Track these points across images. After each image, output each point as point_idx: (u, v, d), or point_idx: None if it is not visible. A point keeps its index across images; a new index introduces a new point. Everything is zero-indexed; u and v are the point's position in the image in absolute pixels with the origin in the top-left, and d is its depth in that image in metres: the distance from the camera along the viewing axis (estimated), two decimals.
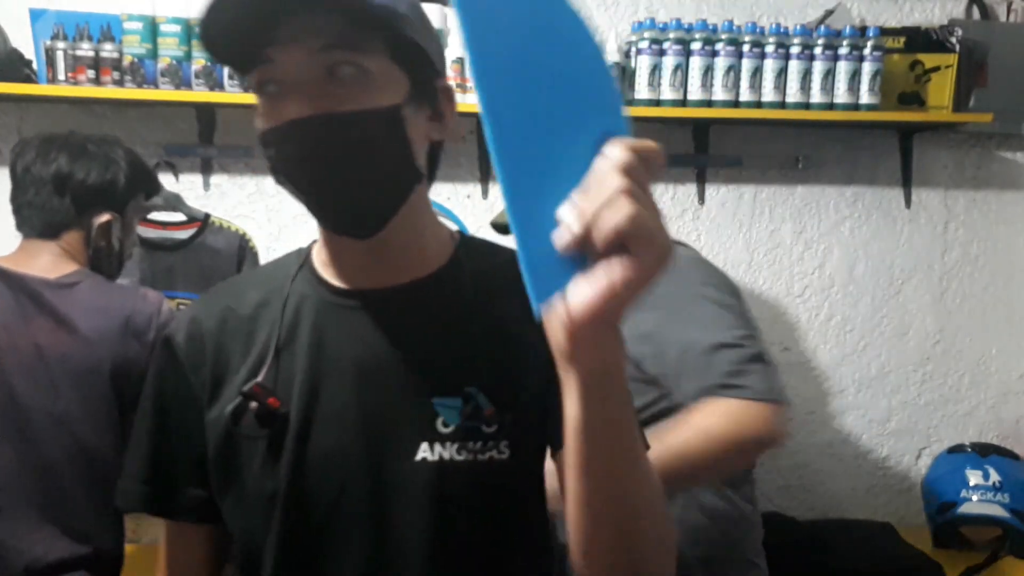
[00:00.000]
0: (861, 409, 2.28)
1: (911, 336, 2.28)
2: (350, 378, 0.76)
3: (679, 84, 1.95)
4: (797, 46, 1.96)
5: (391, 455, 0.74)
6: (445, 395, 0.75)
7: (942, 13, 2.20)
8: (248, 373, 0.77)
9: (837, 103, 1.98)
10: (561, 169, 0.48)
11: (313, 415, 0.75)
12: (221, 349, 0.79)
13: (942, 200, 2.24)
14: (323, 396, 0.75)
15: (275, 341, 0.77)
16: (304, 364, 0.76)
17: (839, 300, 2.26)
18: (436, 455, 0.74)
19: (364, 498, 0.74)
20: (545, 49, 0.49)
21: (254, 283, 0.84)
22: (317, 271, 0.80)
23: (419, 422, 0.74)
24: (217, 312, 0.81)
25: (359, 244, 0.75)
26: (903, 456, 2.30)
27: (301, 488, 0.75)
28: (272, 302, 0.80)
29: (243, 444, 0.76)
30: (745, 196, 2.20)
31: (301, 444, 0.75)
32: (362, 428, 0.75)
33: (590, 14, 2.11)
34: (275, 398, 0.75)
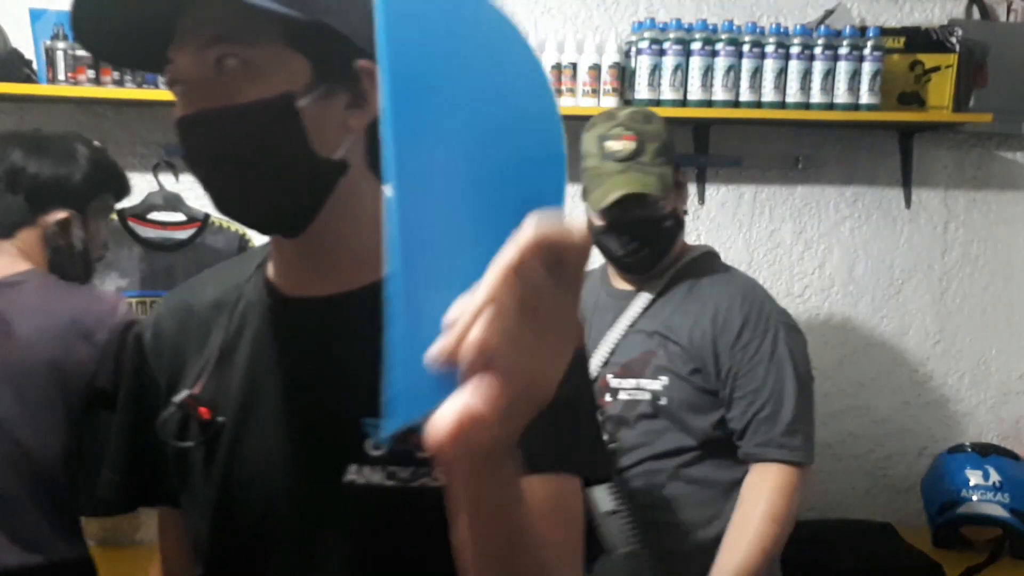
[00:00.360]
0: (861, 409, 2.28)
1: (911, 336, 2.28)
2: (283, 392, 0.73)
3: (679, 84, 1.95)
4: (797, 46, 1.96)
5: (318, 476, 0.71)
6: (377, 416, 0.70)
7: (942, 13, 2.20)
8: (192, 379, 0.76)
9: (837, 103, 1.97)
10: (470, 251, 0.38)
11: (246, 427, 0.73)
12: (177, 351, 0.79)
13: (942, 200, 2.24)
14: (256, 408, 0.73)
15: (218, 349, 0.76)
16: (241, 373, 0.74)
17: (839, 300, 2.26)
18: (364, 478, 0.69)
19: (289, 517, 0.72)
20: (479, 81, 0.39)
21: (214, 281, 0.82)
22: (268, 275, 0.78)
23: (348, 443, 0.70)
24: (177, 312, 0.81)
25: (293, 245, 0.73)
26: (903, 456, 2.30)
27: (231, 500, 0.73)
28: (225, 304, 0.78)
29: (185, 451, 0.76)
30: (745, 196, 2.20)
31: (232, 457, 0.73)
32: (291, 445, 0.72)
33: (590, 14, 2.12)
34: (208, 408, 0.74)
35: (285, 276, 0.76)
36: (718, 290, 1.44)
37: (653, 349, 1.40)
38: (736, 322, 1.38)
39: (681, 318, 1.41)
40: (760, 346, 1.37)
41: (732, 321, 1.38)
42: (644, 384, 1.39)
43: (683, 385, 1.38)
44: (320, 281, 0.74)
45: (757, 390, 1.35)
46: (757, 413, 1.35)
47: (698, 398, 1.38)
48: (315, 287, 0.74)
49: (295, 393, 0.73)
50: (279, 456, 0.72)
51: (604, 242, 1.41)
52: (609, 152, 1.37)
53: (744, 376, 1.36)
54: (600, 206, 1.35)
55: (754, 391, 1.35)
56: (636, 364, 1.41)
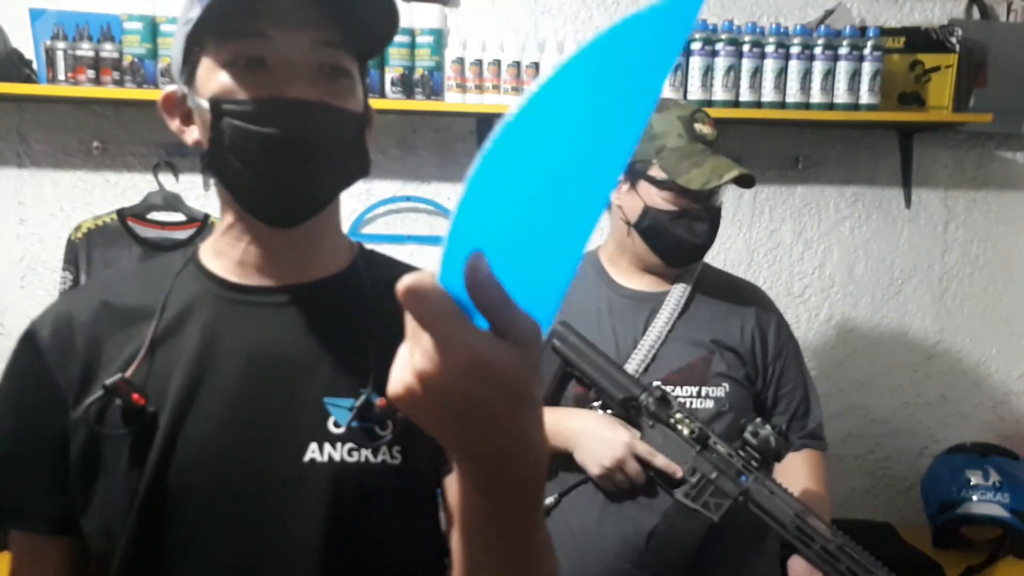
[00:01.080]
0: (861, 409, 2.28)
1: (911, 336, 2.28)
2: (238, 375, 0.73)
3: (679, 84, 1.95)
4: (797, 46, 1.96)
5: (278, 455, 0.72)
6: (338, 395, 0.73)
7: (942, 13, 2.20)
8: (119, 367, 0.74)
9: (837, 103, 1.97)
10: None
11: (188, 412, 0.72)
12: (94, 343, 0.76)
13: (942, 200, 2.24)
14: (203, 393, 0.73)
15: (151, 336, 0.75)
16: (187, 360, 0.74)
17: (839, 300, 2.26)
18: (326, 456, 0.72)
19: (244, 499, 0.71)
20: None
21: (133, 279, 0.82)
22: (207, 267, 0.79)
23: (310, 422, 0.73)
24: (92, 306, 0.78)
25: (274, 238, 0.75)
26: (903, 456, 2.30)
27: (164, 489, 0.71)
28: (152, 297, 0.77)
29: (107, 443, 0.73)
30: (745, 196, 2.20)
31: (170, 442, 0.72)
32: (246, 426, 0.72)
33: (591, 14, 2.12)
34: (140, 394, 0.72)
35: (242, 267, 0.77)
36: (745, 295, 1.47)
37: (708, 354, 1.37)
38: (771, 326, 1.44)
39: (724, 323, 1.40)
40: (788, 347, 1.46)
41: (769, 325, 1.44)
42: (708, 391, 1.35)
43: (742, 391, 1.38)
44: (283, 273, 0.77)
45: (793, 389, 1.45)
46: (796, 411, 1.45)
47: (747, 403, 1.40)
48: (275, 278, 0.77)
49: (253, 375, 0.73)
50: (231, 439, 0.72)
51: (674, 229, 1.34)
52: (700, 134, 1.35)
53: (783, 377, 1.44)
54: (708, 185, 1.29)
55: (791, 390, 1.45)
56: (694, 370, 1.36)
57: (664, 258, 1.38)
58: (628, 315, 1.40)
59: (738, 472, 1.25)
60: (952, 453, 2.10)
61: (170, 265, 0.81)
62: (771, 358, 1.43)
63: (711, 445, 1.26)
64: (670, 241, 1.35)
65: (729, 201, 2.20)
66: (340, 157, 0.73)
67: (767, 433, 1.24)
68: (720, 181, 1.29)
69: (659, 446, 1.27)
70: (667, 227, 1.34)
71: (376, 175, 2.10)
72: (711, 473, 1.25)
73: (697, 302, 1.41)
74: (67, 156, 2.03)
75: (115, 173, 2.05)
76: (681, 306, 1.39)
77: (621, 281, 1.44)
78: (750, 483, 1.23)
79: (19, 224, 2.05)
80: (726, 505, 1.24)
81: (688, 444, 1.26)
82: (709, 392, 1.35)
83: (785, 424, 1.41)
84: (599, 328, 1.39)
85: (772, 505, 1.23)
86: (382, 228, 2.11)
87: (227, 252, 0.78)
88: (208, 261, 0.79)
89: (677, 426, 1.27)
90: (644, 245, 1.38)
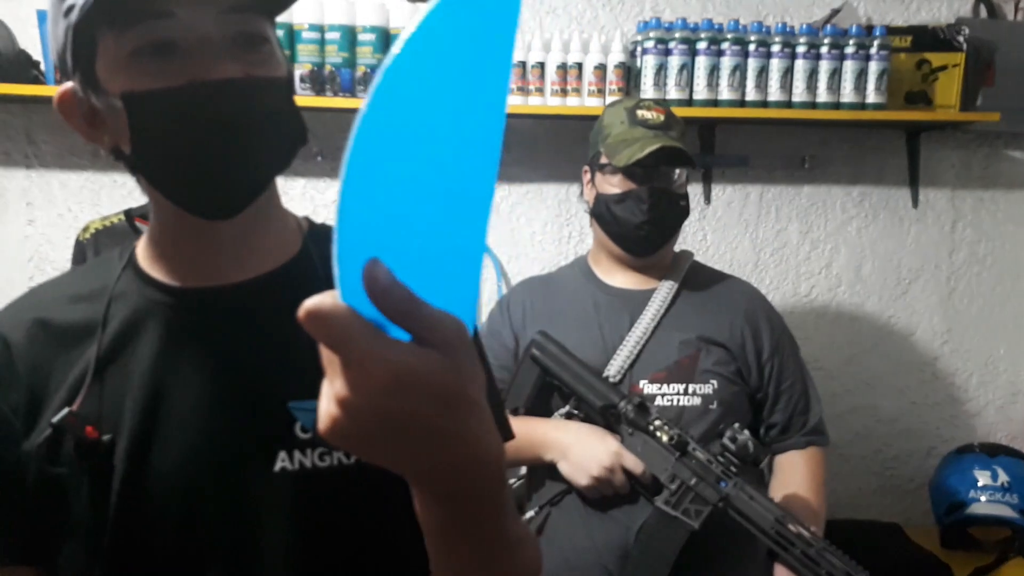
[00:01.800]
0: (868, 409, 2.27)
1: (919, 336, 2.27)
2: (195, 389, 0.69)
3: (684, 84, 1.95)
4: (803, 45, 1.95)
5: (246, 468, 0.68)
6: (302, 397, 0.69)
7: (949, 12, 2.19)
8: (66, 395, 0.68)
9: (843, 102, 1.97)
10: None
11: (151, 435, 0.68)
12: (36, 367, 0.70)
13: (949, 200, 2.24)
14: (163, 412, 0.68)
15: (95, 358, 0.69)
16: (139, 379, 0.68)
17: (846, 300, 2.25)
18: (296, 463, 0.68)
19: (218, 518, 0.68)
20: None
21: (67, 290, 0.74)
22: (146, 272, 0.72)
23: (275, 430, 0.68)
24: (26, 324, 0.71)
25: (215, 233, 0.69)
26: (911, 456, 2.29)
27: (136, 519, 0.67)
28: (90, 311, 0.71)
29: (65, 478, 0.67)
30: (751, 196, 2.20)
31: (135, 470, 0.67)
32: (211, 443, 0.68)
33: (595, 14, 2.12)
34: (93, 426, 0.66)
35: (179, 269, 0.72)
36: (734, 292, 1.47)
37: (696, 351, 1.37)
38: (763, 321, 1.44)
39: (713, 319, 1.40)
40: (783, 342, 1.46)
41: (760, 320, 1.43)
42: (696, 388, 1.36)
43: (731, 387, 1.38)
44: (226, 270, 0.71)
45: (792, 385, 1.44)
46: (796, 407, 1.44)
47: (740, 401, 1.39)
48: (218, 276, 0.71)
49: (213, 387, 0.69)
50: (197, 458, 0.68)
51: (618, 212, 1.37)
52: (641, 119, 1.38)
53: (782, 374, 1.43)
54: (632, 159, 1.32)
55: (791, 386, 1.44)
56: (681, 367, 1.36)
57: (619, 244, 1.41)
58: (614, 313, 1.41)
59: (718, 478, 1.25)
60: (960, 453, 2.09)
61: (105, 272, 0.74)
62: (767, 355, 1.42)
63: (690, 451, 1.26)
64: (617, 225, 1.38)
65: (735, 201, 2.19)
66: (276, 131, 0.66)
67: (745, 439, 1.24)
68: (642, 153, 1.32)
69: (639, 453, 1.28)
70: (612, 210, 1.38)
71: None
72: (690, 480, 1.25)
73: (684, 299, 1.42)
74: (75, 157, 2.04)
75: (122, 174, 2.05)
76: (667, 303, 1.40)
77: (607, 280, 1.46)
78: (729, 489, 1.24)
79: (28, 225, 2.06)
80: (706, 512, 1.24)
81: (667, 451, 1.26)
82: (696, 389, 1.35)
83: (786, 421, 1.43)
84: (586, 327, 1.40)
85: (752, 511, 1.23)
86: None
87: (167, 255, 0.72)
88: (147, 265, 0.73)
89: (656, 433, 1.27)
90: (604, 234, 1.42)
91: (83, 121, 0.67)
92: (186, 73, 0.61)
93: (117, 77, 0.62)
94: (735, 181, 2.19)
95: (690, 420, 1.34)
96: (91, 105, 0.66)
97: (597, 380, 1.32)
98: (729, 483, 1.24)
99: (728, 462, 1.25)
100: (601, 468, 1.26)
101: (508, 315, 1.48)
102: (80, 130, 0.68)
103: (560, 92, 1.94)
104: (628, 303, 1.41)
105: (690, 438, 1.28)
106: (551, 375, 1.34)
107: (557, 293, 1.47)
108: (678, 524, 1.24)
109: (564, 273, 1.54)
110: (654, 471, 1.27)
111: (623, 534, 1.30)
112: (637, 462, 1.27)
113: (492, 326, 1.51)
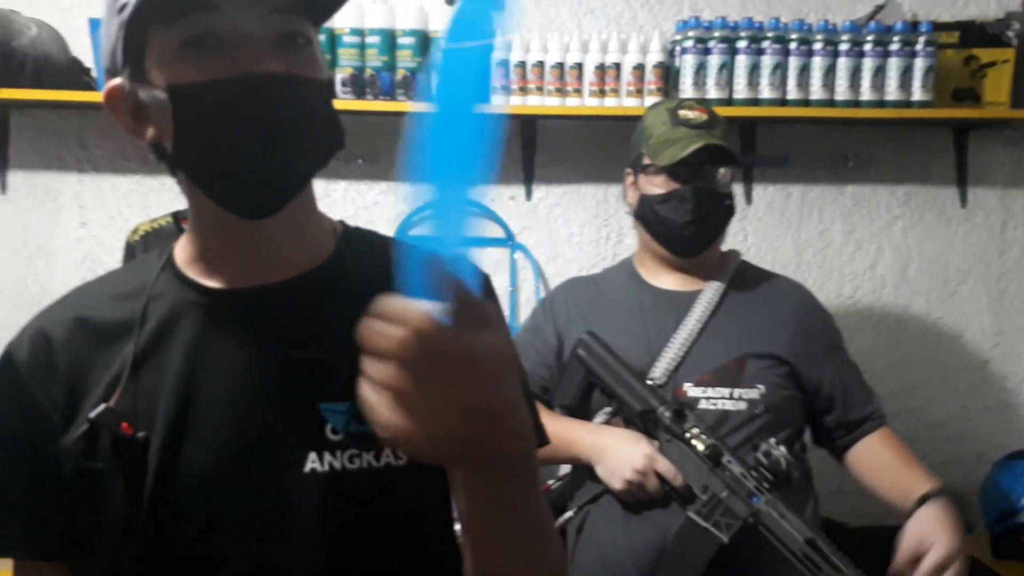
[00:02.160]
0: (915, 413, 2.22)
1: (968, 338, 2.21)
2: (228, 389, 0.69)
3: (724, 83, 1.93)
4: (846, 43, 1.92)
5: (276, 468, 0.69)
6: (333, 400, 0.69)
7: (998, 6, 2.13)
8: (103, 392, 0.70)
9: (888, 100, 1.93)
10: None
11: (183, 434, 0.68)
12: (76, 363, 0.71)
13: (999, 199, 2.18)
14: (195, 411, 0.69)
15: (132, 356, 0.70)
16: (173, 378, 0.69)
17: (891, 302, 2.20)
18: (326, 465, 0.69)
19: (247, 517, 0.68)
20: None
21: (107, 289, 0.76)
22: (183, 272, 0.73)
23: (306, 431, 0.69)
24: (67, 322, 0.72)
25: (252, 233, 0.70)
26: (960, 462, 2.23)
27: (167, 517, 0.68)
28: (129, 310, 0.72)
29: (100, 474, 0.69)
30: (793, 196, 2.17)
31: (167, 467, 0.68)
32: (242, 442, 0.69)
33: (634, 14, 2.11)
34: (128, 423, 0.68)
35: (216, 269, 0.72)
36: (783, 292, 1.45)
37: (742, 354, 1.35)
38: (816, 323, 1.43)
39: (761, 321, 1.38)
40: (835, 343, 1.45)
41: (812, 322, 1.42)
42: (741, 393, 1.33)
43: (781, 393, 1.35)
44: (261, 271, 0.72)
45: (852, 383, 1.44)
46: (860, 401, 1.44)
47: (791, 406, 1.37)
48: (254, 277, 0.72)
49: (245, 387, 0.70)
50: (229, 457, 0.69)
51: (662, 212, 1.36)
52: (684, 119, 1.38)
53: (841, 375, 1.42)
54: (675, 158, 1.31)
55: (850, 384, 1.44)
56: (727, 371, 1.34)
57: (664, 245, 1.40)
58: (660, 315, 1.39)
59: (750, 493, 1.23)
60: (1012, 459, 2.03)
61: (144, 272, 0.75)
62: (822, 357, 1.40)
63: (724, 463, 1.25)
64: (661, 225, 1.37)
65: (776, 201, 2.17)
66: (316, 131, 0.67)
67: (778, 455, 1.22)
68: (685, 152, 1.31)
69: (674, 460, 1.27)
70: (657, 211, 1.37)
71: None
72: (722, 492, 1.24)
73: (731, 300, 1.40)
74: (125, 161, 2.10)
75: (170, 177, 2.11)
76: (714, 305, 1.38)
77: (652, 281, 1.44)
78: (761, 505, 1.22)
79: (80, 227, 2.12)
80: (736, 526, 1.22)
81: (702, 460, 1.25)
82: (742, 394, 1.33)
83: (856, 418, 1.43)
84: (631, 329, 1.39)
85: (781, 530, 1.21)
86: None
87: (204, 255, 0.73)
88: (184, 266, 0.74)
89: (692, 441, 1.26)
90: (648, 236, 1.41)
91: (129, 116, 0.69)
92: (231, 67, 0.63)
93: (164, 70, 0.64)
94: (776, 181, 2.16)
95: (735, 425, 1.32)
96: (137, 100, 0.67)
97: (639, 384, 1.31)
98: (762, 499, 1.22)
99: (762, 477, 1.23)
100: (634, 472, 1.26)
101: (552, 314, 1.47)
102: (126, 125, 0.70)
103: (598, 93, 1.94)
104: (674, 304, 1.40)
105: (726, 449, 1.26)
106: (594, 376, 1.34)
107: (602, 294, 1.46)
108: (708, 535, 1.23)
109: (609, 274, 1.54)
110: (688, 480, 1.26)
111: (661, 536, 1.29)
112: (670, 467, 1.26)
113: (535, 324, 1.50)
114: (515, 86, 1.93)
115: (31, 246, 2.11)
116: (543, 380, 1.44)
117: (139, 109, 0.68)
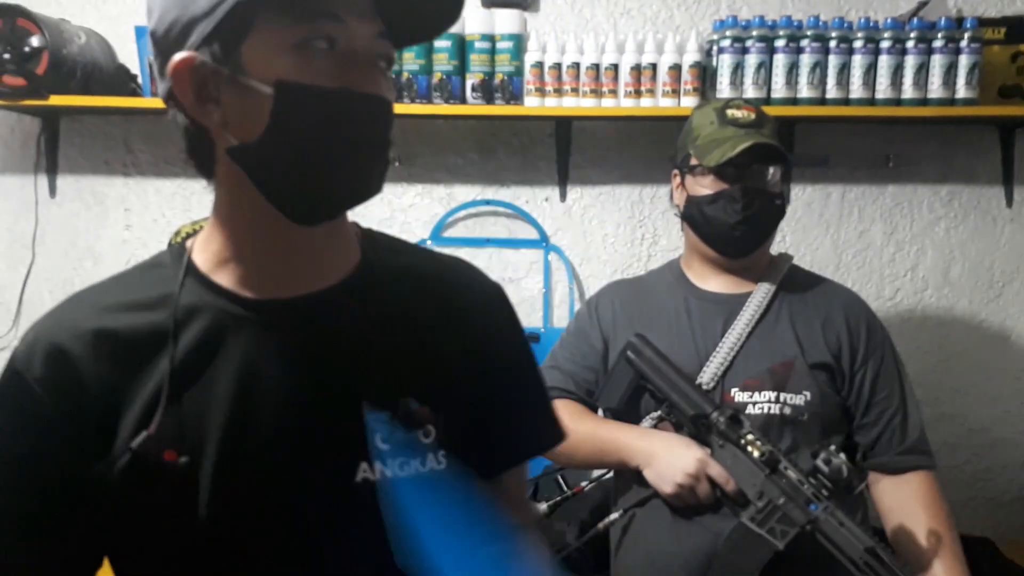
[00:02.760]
0: (958, 418, 2.17)
1: (1013, 341, 2.16)
2: (280, 403, 0.69)
3: (762, 82, 1.91)
4: (888, 40, 1.89)
5: (329, 480, 0.69)
6: (378, 408, 0.70)
7: None
8: (140, 414, 0.67)
9: (931, 98, 1.90)
10: None
11: (233, 458, 0.67)
12: (104, 381, 0.67)
13: None
14: (249, 431, 0.68)
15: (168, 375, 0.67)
16: (224, 399, 0.68)
17: (933, 304, 2.16)
18: (377, 473, 0.69)
19: (303, 530, 0.69)
20: None
21: (119, 297, 0.72)
22: (213, 280, 0.71)
23: (356, 441, 0.69)
24: (86, 336, 0.68)
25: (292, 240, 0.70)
26: (1004, 468, 2.18)
27: (218, 534, 0.67)
28: (156, 322, 0.69)
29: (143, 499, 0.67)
30: (832, 196, 2.14)
31: (217, 491, 0.67)
32: (295, 456, 0.69)
33: (671, 14, 2.10)
34: (172, 449, 0.66)
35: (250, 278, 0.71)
36: (834, 297, 1.42)
37: (790, 359, 1.32)
38: (863, 330, 1.38)
39: (810, 326, 1.36)
40: (885, 353, 1.39)
41: (860, 329, 1.38)
42: (787, 398, 1.31)
43: (826, 400, 1.33)
44: (311, 275, 0.72)
45: (888, 398, 1.36)
46: (891, 421, 1.36)
47: (834, 413, 1.35)
48: (304, 283, 0.72)
49: (297, 403, 0.69)
50: (287, 472, 0.69)
51: (710, 213, 1.33)
52: (732, 119, 1.36)
53: (876, 383, 1.36)
54: (723, 158, 1.29)
55: (885, 398, 1.36)
56: (775, 375, 1.31)
57: (712, 246, 1.37)
58: (708, 318, 1.37)
59: (807, 500, 1.20)
60: None
61: (161, 278, 0.72)
62: (860, 362, 1.36)
63: (781, 470, 1.22)
64: (710, 226, 1.35)
65: (815, 201, 2.14)
66: (386, 153, 0.70)
67: (839, 463, 1.18)
68: (733, 152, 1.29)
69: (728, 466, 1.25)
70: (705, 212, 1.34)
71: (457, 179, 2.14)
72: (779, 499, 1.21)
73: (781, 303, 1.37)
74: (168, 165, 2.15)
75: None
76: (763, 308, 1.36)
77: (700, 284, 1.42)
78: (819, 512, 1.19)
79: (125, 230, 2.18)
80: (792, 533, 1.20)
81: (757, 467, 1.23)
82: (788, 399, 1.30)
83: (877, 436, 1.36)
84: (679, 333, 1.37)
85: (841, 538, 1.18)
86: (462, 232, 2.15)
87: (236, 260, 0.71)
88: (211, 271, 0.71)
89: (747, 447, 1.23)
90: (696, 237, 1.39)
91: (192, 91, 0.66)
92: (340, 78, 0.64)
93: (272, 64, 0.63)
94: (815, 181, 2.13)
95: (780, 430, 1.30)
96: (209, 78, 0.65)
97: (691, 388, 1.29)
98: (819, 506, 1.19)
99: (820, 484, 1.20)
100: (686, 476, 1.24)
101: (597, 317, 1.46)
102: (185, 100, 0.66)
103: (634, 93, 1.93)
104: (722, 308, 1.37)
105: (782, 455, 1.23)
106: (645, 379, 1.32)
107: (648, 297, 1.44)
108: (762, 542, 1.20)
109: (654, 277, 1.51)
110: (742, 486, 1.24)
111: (711, 541, 1.27)
112: (722, 472, 1.24)
113: (580, 327, 1.48)
114: (550, 88, 1.93)
115: (79, 247, 2.17)
116: (588, 384, 1.43)
117: (206, 87, 0.65)
